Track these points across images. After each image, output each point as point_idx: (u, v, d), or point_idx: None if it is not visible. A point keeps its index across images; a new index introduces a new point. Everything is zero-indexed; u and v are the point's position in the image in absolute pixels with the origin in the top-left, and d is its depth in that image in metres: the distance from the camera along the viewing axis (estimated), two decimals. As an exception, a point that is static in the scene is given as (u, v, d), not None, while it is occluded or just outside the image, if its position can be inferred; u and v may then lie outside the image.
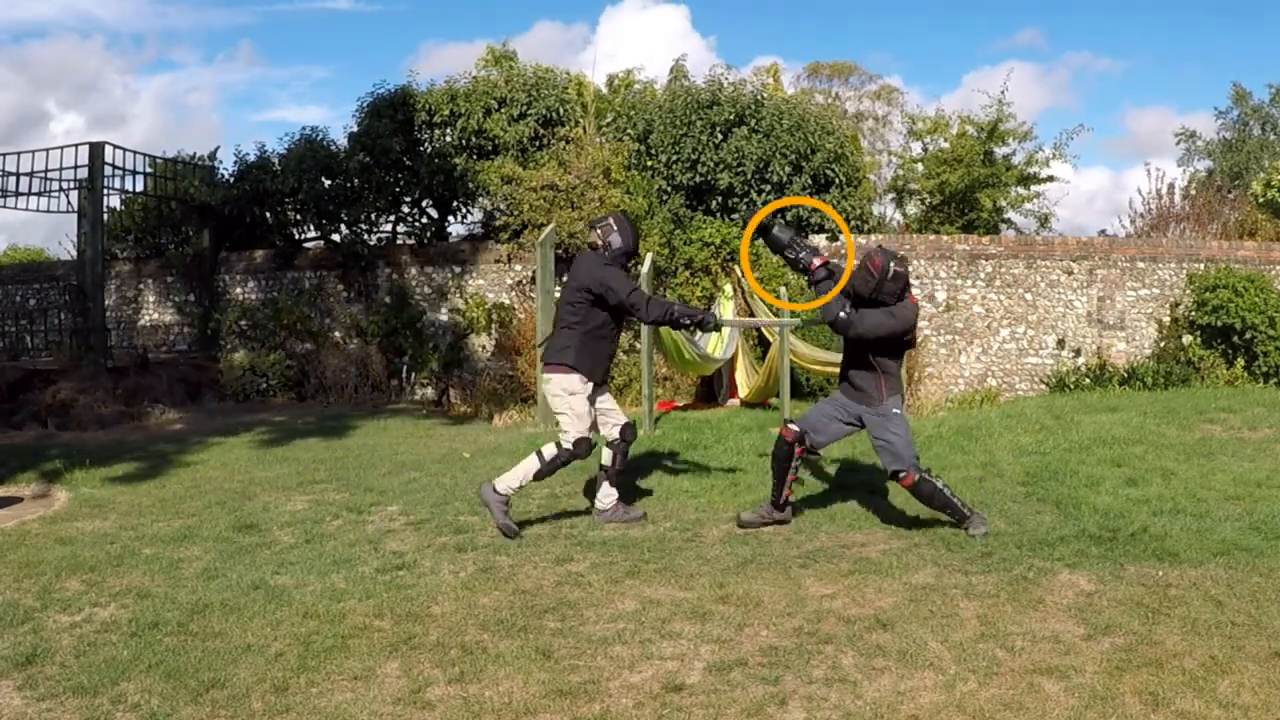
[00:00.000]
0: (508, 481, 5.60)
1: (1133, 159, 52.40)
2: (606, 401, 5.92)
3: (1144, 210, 16.58)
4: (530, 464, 5.64)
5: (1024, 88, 41.99)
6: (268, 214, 14.39)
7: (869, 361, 5.43)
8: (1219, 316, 11.96)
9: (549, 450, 5.67)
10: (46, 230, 48.73)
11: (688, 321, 5.92)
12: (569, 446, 5.64)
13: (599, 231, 5.80)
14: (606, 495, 5.88)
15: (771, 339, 11.04)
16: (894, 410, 5.43)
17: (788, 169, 12.78)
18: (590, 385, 5.70)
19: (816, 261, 5.53)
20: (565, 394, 5.66)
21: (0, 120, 48.50)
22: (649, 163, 13.11)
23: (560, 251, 11.90)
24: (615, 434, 5.85)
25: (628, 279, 5.77)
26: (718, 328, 5.63)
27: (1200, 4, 49.59)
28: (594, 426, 5.81)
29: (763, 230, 5.80)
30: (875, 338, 5.33)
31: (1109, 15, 53.68)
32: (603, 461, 5.91)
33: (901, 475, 5.36)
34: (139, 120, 53.95)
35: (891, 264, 5.26)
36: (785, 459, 5.57)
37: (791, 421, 5.70)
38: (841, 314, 5.33)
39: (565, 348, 5.68)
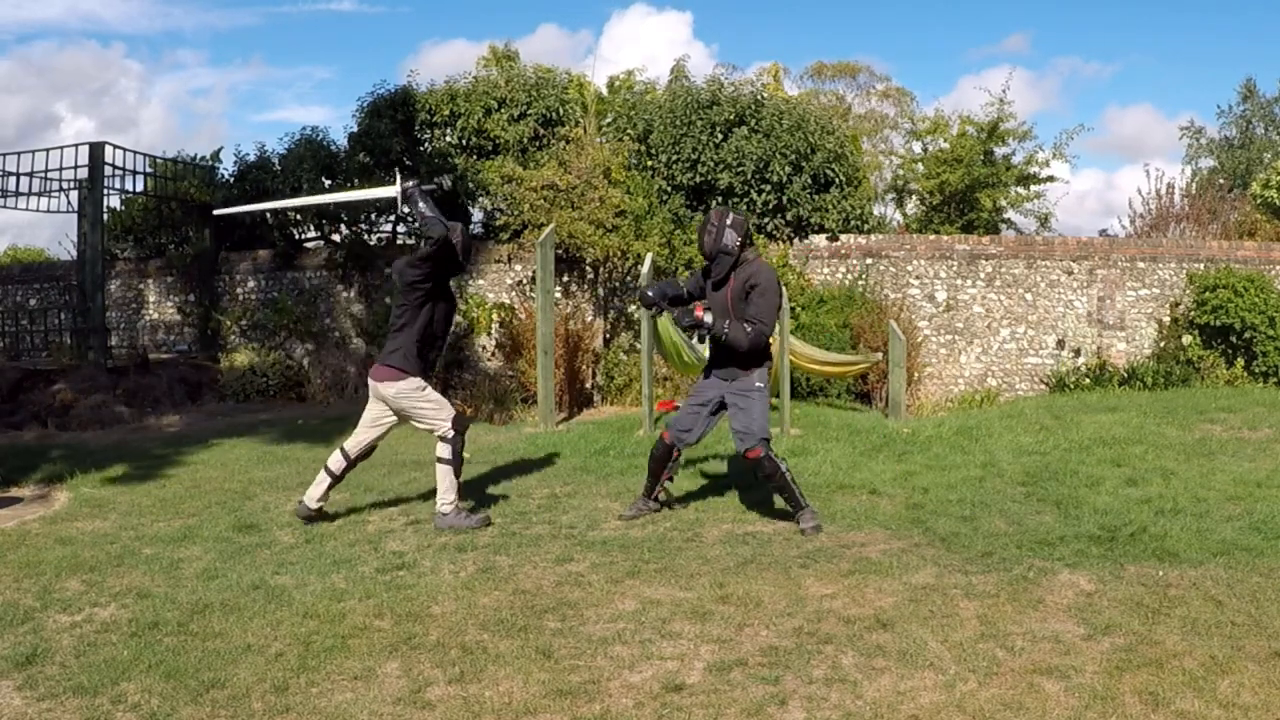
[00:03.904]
0: None
1: (1120, 160, 52.50)
2: None
3: (1144, 210, 16.61)
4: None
5: (1014, 90, 42.21)
6: (268, 214, 14.39)
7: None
8: (1219, 316, 11.96)
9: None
10: (51, 231, 48.84)
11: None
12: None
13: None
14: None
15: (770, 340, 11.03)
16: (757, 384, 5.64)
17: (788, 169, 12.78)
18: None
19: (698, 313, 5.61)
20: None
21: (11, 123, 48.60)
22: (649, 163, 13.10)
23: (560, 251, 11.88)
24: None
25: None
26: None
27: (1189, 5, 49.77)
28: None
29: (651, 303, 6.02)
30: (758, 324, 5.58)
31: (1096, 16, 53.95)
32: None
33: (749, 450, 5.54)
34: (149, 124, 54.08)
35: (731, 215, 5.59)
36: (662, 459, 5.89)
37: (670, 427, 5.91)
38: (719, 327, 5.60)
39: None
